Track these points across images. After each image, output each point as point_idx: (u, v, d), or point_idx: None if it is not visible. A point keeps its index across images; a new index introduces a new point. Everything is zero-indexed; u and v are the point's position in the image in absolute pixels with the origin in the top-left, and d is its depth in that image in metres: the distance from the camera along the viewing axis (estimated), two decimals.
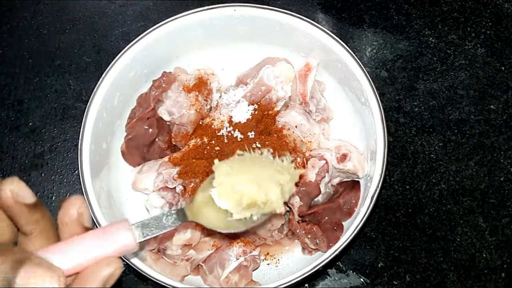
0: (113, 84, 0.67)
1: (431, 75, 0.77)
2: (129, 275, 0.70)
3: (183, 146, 0.69)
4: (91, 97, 0.66)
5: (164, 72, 0.70)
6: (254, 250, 0.65)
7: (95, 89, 0.66)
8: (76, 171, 0.76)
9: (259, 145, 0.65)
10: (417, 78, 0.77)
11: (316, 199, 0.67)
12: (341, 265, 0.70)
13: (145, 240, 0.44)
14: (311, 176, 0.66)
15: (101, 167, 0.67)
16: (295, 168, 0.50)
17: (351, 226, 0.60)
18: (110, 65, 0.67)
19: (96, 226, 0.61)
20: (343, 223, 0.66)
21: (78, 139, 0.64)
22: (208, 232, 0.64)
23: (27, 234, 0.40)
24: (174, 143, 0.70)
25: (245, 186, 0.47)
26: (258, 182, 0.47)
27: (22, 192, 0.38)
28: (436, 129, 0.75)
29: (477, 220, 0.71)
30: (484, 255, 0.69)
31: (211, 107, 0.72)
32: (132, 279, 0.70)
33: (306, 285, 0.69)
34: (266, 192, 0.47)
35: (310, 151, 0.68)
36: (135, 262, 0.60)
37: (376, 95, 0.64)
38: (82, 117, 0.65)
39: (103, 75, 0.66)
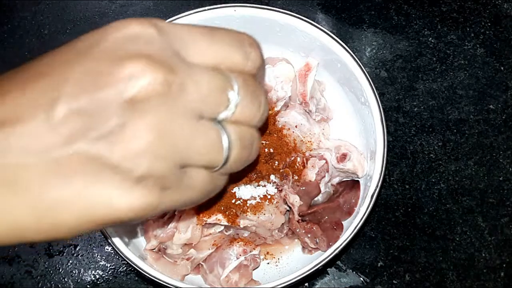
0: None
1: (430, 75, 0.78)
2: (129, 274, 0.70)
3: None
4: None
5: None
6: (254, 249, 0.65)
7: None
8: None
9: None
10: (417, 78, 0.78)
11: (316, 199, 0.67)
12: (341, 264, 0.70)
13: None
14: (311, 175, 0.66)
15: None
16: None
17: (351, 226, 0.60)
18: None
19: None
20: (342, 222, 0.66)
21: None
22: None
23: None
24: None
25: None
26: None
27: None
28: (436, 129, 0.75)
29: (476, 220, 0.71)
30: (483, 255, 0.69)
31: None
32: (133, 278, 0.70)
33: (306, 284, 0.69)
34: None
35: (310, 151, 0.68)
36: (136, 261, 0.60)
37: (375, 95, 0.64)
38: None
39: None
